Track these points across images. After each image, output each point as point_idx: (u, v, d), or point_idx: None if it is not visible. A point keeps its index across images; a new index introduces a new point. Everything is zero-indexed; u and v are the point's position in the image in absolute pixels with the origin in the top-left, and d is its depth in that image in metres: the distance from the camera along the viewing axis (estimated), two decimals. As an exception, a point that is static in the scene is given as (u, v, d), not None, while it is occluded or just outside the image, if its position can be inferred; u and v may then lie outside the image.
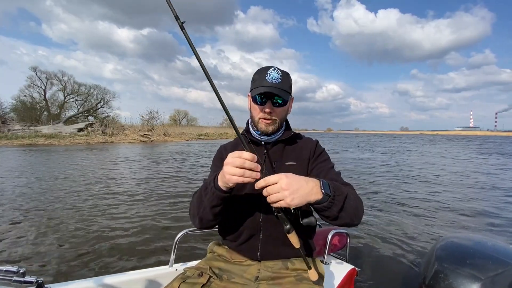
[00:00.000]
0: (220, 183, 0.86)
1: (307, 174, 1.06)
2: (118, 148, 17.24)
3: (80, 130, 24.07)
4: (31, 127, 23.33)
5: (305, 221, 0.84)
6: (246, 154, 0.79)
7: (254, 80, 1.05)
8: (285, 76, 1.03)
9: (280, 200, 0.76)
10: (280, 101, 1.02)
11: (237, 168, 0.78)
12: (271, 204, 0.79)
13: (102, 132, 24.44)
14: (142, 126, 29.41)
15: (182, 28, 0.88)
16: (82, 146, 17.80)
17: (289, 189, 0.75)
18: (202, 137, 33.42)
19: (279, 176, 0.77)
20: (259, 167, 0.78)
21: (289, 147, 1.12)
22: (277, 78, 0.99)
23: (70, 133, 22.96)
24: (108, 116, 29.59)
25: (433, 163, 11.34)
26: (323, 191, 0.80)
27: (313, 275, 0.90)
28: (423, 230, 3.49)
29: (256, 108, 1.05)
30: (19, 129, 22.30)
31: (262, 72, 1.03)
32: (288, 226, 0.82)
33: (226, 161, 0.81)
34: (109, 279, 1.10)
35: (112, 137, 23.84)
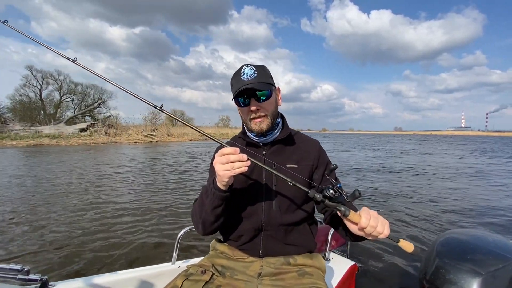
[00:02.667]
0: (218, 184, 0.88)
1: (308, 178, 1.03)
2: (124, 148, 17.22)
3: (82, 130, 23.80)
4: (32, 127, 23.03)
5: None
6: (227, 150, 0.82)
7: (232, 85, 1.01)
8: (260, 69, 0.99)
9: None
10: (264, 98, 0.97)
11: (225, 164, 0.81)
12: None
13: (106, 133, 24.21)
14: (145, 126, 29.08)
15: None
16: (89, 147, 17.75)
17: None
18: (205, 138, 33.09)
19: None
20: (245, 157, 0.81)
21: (289, 148, 1.08)
22: (251, 74, 0.96)
23: (72, 134, 22.72)
24: (110, 116, 28.90)
25: (440, 161, 11.29)
26: None
27: (406, 246, 0.86)
28: (424, 225, 3.48)
29: (243, 110, 1.02)
30: (19, 129, 22.01)
31: (236, 74, 0.99)
32: (343, 209, 0.79)
33: (214, 161, 0.85)
34: (112, 276, 1.10)
35: (116, 137, 23.63)
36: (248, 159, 0.82)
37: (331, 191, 0.80)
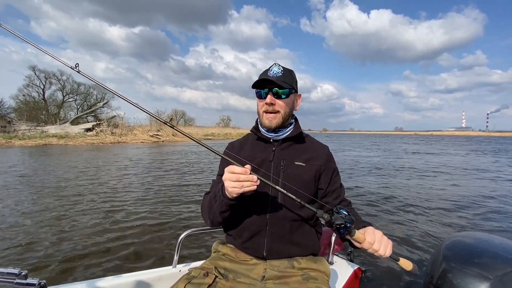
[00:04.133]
0: (226, 193, 0.89)
1: (314, 178, 1.05)
2: (132, 148, 17.17)
3: (88, 130, 23.55)
4: (38, 127, 22.83)
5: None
6: (238, 169, 0.83)
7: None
8: (287, 71, 1.04)
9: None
10: (280, 95, 1.01)
11: (234, 182, 0.83)
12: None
13: (111, 133, 23.85)
14: (150, 126, 28.45)
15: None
16: (97, 147, 17.73)
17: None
18: (210, 137, 32.54)
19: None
20: (254, 178, 0.83)
21: (299, 147, 1.10)
22: (277, 72, 1.01)
23: (78, 133, 22.49)
24: (115, 116, 28.21)
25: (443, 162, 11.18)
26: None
27: (405, 264, 0.92)
28: (429, 229, 3.42)
29: (259, 102, 1.06)
30: (26, 129, 21.84)
31: (265, 70, 1.06)
32: (349, 229, 0.84)
33: (224, 177, 0.86)
34: (112, 280, 1.08)
35: (122, 137, 23.36)
36: (258, 179, 0.83)
37: (339, 215, 0.83)
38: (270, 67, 1.04)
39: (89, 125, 24.54)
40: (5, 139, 18.20)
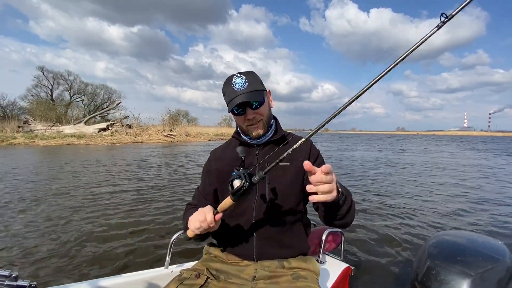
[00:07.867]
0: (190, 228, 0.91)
1: (300, 173, 1.03)
2: (149, 147, 17.03)
3: (102, 130, 23.18)
4: (53, 127, 22.58)
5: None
6: (207, 217, 0.86)
7: (224, 94, 1.02)
8: (250, 76, 0.99)
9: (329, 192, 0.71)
10: (257, 104, 0.99)
11: (197, 222, 0.86)
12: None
13: (127, 133, 23.45)
14: (163, 126, 27.88)
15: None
16: (117, 146, 17.64)
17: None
18: (221, 137, 31.83)
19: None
20: (214, 226, 0.87)
21: (282, 147, 1.06)
22: (243, 83, 0.96)
23: (92, 133, 22.24)
24: (128, 116, 27.23)
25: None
26: (339, 189, 0.78)
27: None
28: (417, 228, 3.41)
29: (239, 119, 1.04)
30: (42, 129, 21.62)
31: (227, 84, 0.99)
32: None
33: (190, 218, 0.89)
34: (103, 282, 1.07)
35: (138, 137, 23.07)
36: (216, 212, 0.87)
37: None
38: (232, 81, 0.97)
39: (103, 125, 23.98)
40: (28, 139, 18.40)
